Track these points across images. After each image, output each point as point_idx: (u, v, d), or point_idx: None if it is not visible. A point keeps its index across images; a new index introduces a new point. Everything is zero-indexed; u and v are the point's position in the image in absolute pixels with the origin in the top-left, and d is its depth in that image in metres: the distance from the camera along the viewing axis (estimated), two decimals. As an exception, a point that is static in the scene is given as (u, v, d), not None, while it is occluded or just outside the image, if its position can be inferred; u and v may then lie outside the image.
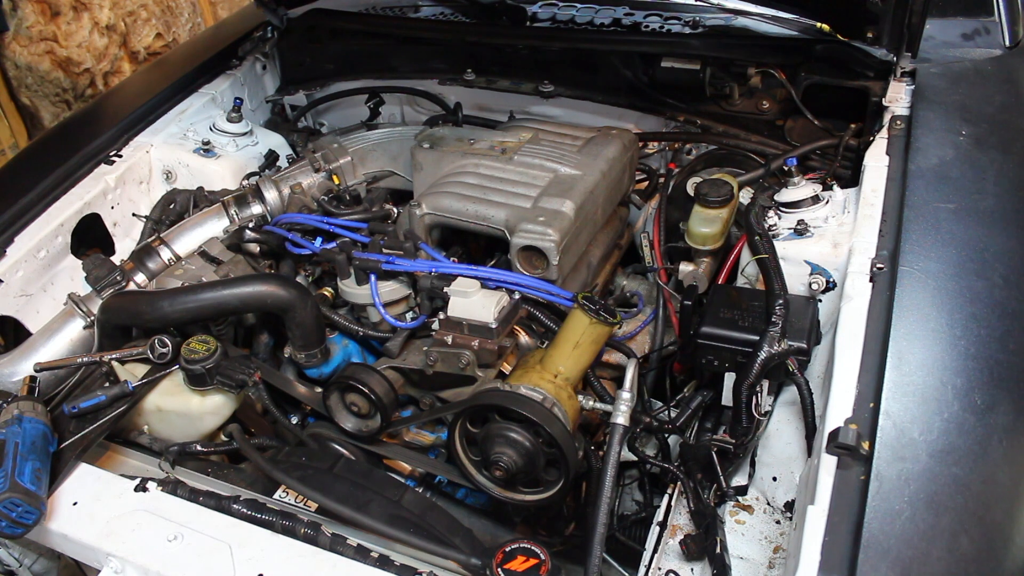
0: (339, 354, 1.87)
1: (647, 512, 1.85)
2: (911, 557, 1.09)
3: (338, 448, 1.73)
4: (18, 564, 1.66)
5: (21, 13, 4.08)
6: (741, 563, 1.44)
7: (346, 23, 2.67)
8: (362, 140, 2.24)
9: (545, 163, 1.94)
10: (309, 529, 1.39)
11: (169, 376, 1.72)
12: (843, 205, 1.72)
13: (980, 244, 1.50)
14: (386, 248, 1.79)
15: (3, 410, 1.47)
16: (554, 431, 1.44)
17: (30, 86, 4.26)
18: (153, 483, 1.46)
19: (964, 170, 1.65)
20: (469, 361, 1.61)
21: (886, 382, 1.29)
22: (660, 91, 2.38)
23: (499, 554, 1.33)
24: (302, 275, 2.01)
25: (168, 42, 4.90)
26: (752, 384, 1.49)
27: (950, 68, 1.95)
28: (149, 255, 1.96)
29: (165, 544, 1.35)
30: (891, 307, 1.40)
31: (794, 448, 1.55)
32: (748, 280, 1.75)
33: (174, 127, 2.37)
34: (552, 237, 1.71)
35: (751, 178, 2.02)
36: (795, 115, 2.22)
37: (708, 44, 2.22)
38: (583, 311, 1.54)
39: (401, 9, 2.64)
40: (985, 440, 1.23)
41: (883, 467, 1.18)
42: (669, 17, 2.32)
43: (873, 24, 1.97)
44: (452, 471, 1.66)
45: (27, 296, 1.96)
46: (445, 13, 2.57)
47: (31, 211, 2.01)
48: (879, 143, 1.80)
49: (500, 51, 2.55)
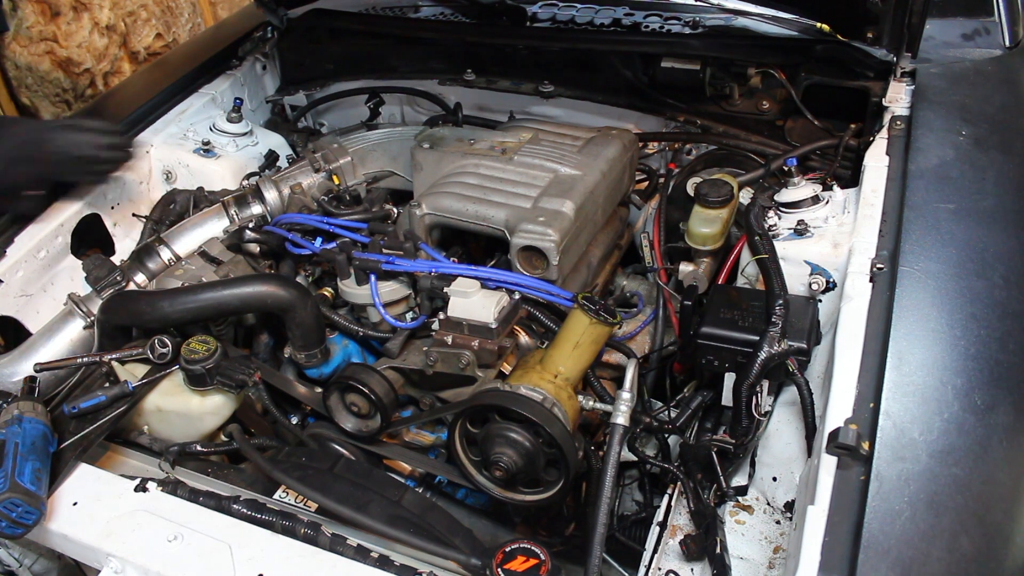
0: (339, 354, 1.87)
1: (647, 512, 1.85)
2: (911, 557, 1.09)
3: (338, 448, 1.73)
4: (18, 564, 1.66)
5: (21, 13, 4.08)
6: (741, 563, 1.44)
7: (346, 23, 2.66)
8: (362, 140, 2.24)
9: (545, 163, 1.94)
10: (309, 529, 1.39)
11: (169, 376, 1.72)
12: (843, 205, 1.72)
13: (980, 244, 1.50)
14: (386, 248, 1.79)
15: (3, 410, 1.47)
16: (554, 431, 1.44)
17: (30, 86, 4.25)
18: (153, 483, 1.46)
19: (964, 170, 1.65)
20: (469, 361, 1.61)
21: (886, 382, 1.28)
22: (660, 91, 2.38)
23: (499, 554, 1.33)
24: (302, 275, 2.01)
25: (168, 42, 4.89)
26: (752, 384, 1.49)
27: (950, 68, 1.95)
28: (149, 255, 1.96)
29: (165, 544, 1.35)
30: (891, 307, 1.39)
31: (794, 448, 1.55)
32: (748, 280, 1.75)
33: (174, 127, 2.37)
34: (552, 237, 1.71)
35: (751, 178, 2.02)
36: (795, 115, 2.22)
37: (708, 44, 2.21)
38: (583, 311, 1.54)
39: (401, 9, 2.64)
40: (985, 440, 1.23)
41: (883, 467, 1.18)
42: (669, 17, 2.32)
43: (873, 24, 1.96)
44: (452, 471, 1.66)
45: (27, 296, 1.96)
46: (445, 13, 2.57)
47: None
48: (879, 143, 1.80)
49: (500, 51, 2.55)
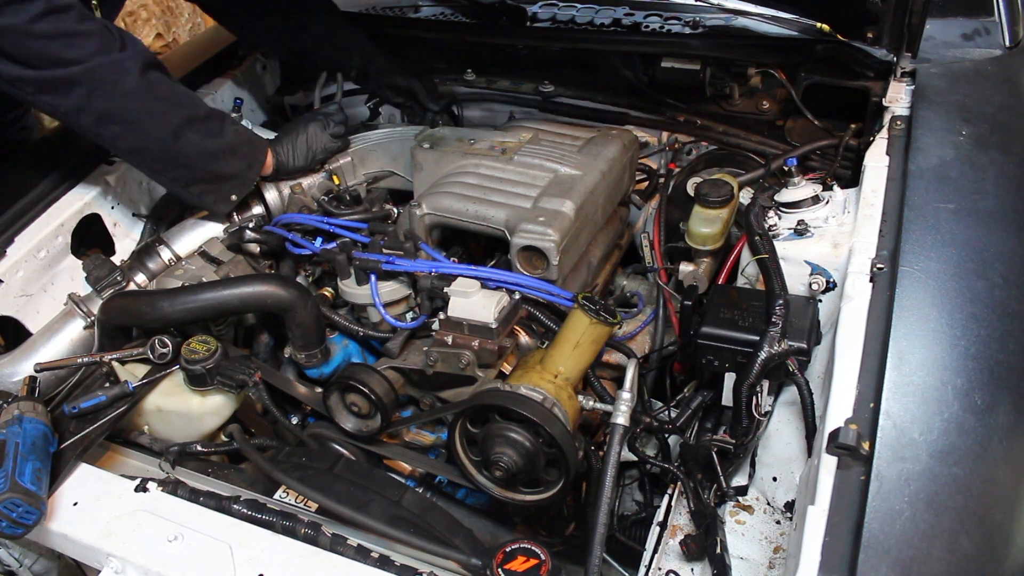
0: (339, 354, 1.87)
1: (647, 512, 1.85)
2: (911, 557, 1.09)
3: (338, 448, 1.73)
4: (18, 564, 1.66)
5: (21, 13, 4.08)
6: (741, 563, 1.44)
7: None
8: (362, 140, 2.24)
9: (545, 163, 1.94)
10: (309, 529, 1.39)
11: (169, 376, 1.72)
12: (843, 205, 1.72)
13: (980, 244, 1.50)
14: (386, 248, 1.79)
15: (3, 410, 1.47)
16: (554, 431, 1.44)
17: (30, 86, 4.25)
18: (153, 483, 1.46)
19: (964, 170, 1.65)
20: (469, 361, 1.60)
21: (886, 382, 1.28)
22: (660, 91, 2.38)
23: (499, 554, 1.33)
24: (302, 275, 2.01)
25: (168, 42, 4.89)
26: (752, 384, 1.49)
27: (950, 68, 1.94)
28: (149, 255, 1.96)
29: (165, 544, 1.35)
30: (891, 307, 1.39)
31: (794, 448, 1.55)
32: (748, 280, 1.75)
33: (174, 127, 2.37)
34: (552, 237, 1.71)
35: (751, 178, 2.02)
36: (795, 115, 2.22)
37: (708, 44, 2.21)
38: (583, 311, 1.54)
39: (401, 9, 2.63)
40: (985, 440, 1.23)
41: (883, 467, 1.18)
42: (669, 17, 2.31)
43: (873, 24, 1.96)
44: (452, 471, 1.66)
45: (27, 296, 1.96)
46: (445, 13, 2.57)
47: (31, 211, 2.01)
48: (879, 143, 1.80)
49: (500, 51, 2.55)
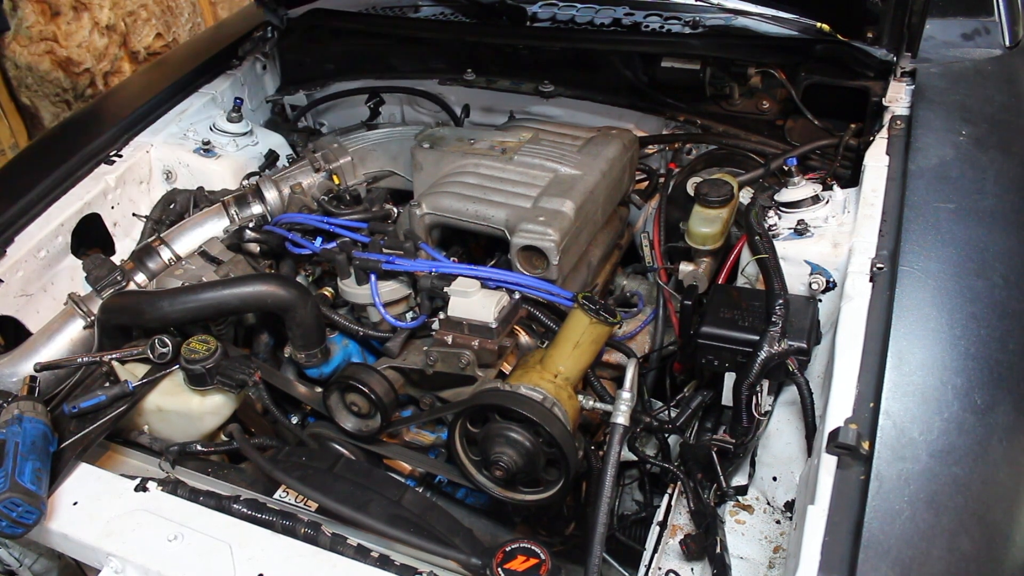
0: (339, 354, 1.87)
1: (647, 512, 1.85)
2: (911, 557, 1.09)
3: (338, 448, 1.73)
4: (18, 564, 1.66)
5: (21, 13, 4.08)
6: (741, 563, 1.44)
7: (346, 23, 2.66)
8: (362, 140, 2.24)
9: (545, 163, 1.94)
10: (309, 529, 1.39)
11: (169, 376, 1.72)
12: (843, 205, 1.72)
13: (980, 244, 1.50)
14: (386, 248, 1.79)
15: (3, 410, 1.47)
16: (554, 431, 1.44)
17: (30, 86, 4.25)
18: (153, 483, 1.46)
19: (964, 170, 1.65)
20: (469, 361, 1.60)
21: (886, 382, 1.28)
22: (660, 91, 2.38)
23: (499, 554, 1.33)
24: (302, 275, 2.01)
25: (168, 42, 4.89)
26: (752, 384, 1.49)
27: (950, 68, 1.95)
28: (149, 255, 1.96)
29: (165, 544, 1.35)
30: (891, 307, 1.40)
31: (794, 448, 1.55)
32: (748, 280, 1.75)
33: (174, 127, 2.37)
34: (552, 237, 1.71)
35: (751, 178, 2.02)
36: (795, 115, 2.22)
37: (708, 44, 2.22)
38: (583, 311, 1.54)
39: (401, 9, 2.64)
40: (985, 440, 1.23)
41: (883, 467, 1.18)
42: (669, 17, 2.32)
43: (873, 24, 1.96)
44: (452, 471, 1.66)
45: (27, 296, 1.96)
46: (445, 13, 2.57)
47: (31, 211, 2.01)
48: (879, 143, 1.80)
49: (500, 51, 2.55)
